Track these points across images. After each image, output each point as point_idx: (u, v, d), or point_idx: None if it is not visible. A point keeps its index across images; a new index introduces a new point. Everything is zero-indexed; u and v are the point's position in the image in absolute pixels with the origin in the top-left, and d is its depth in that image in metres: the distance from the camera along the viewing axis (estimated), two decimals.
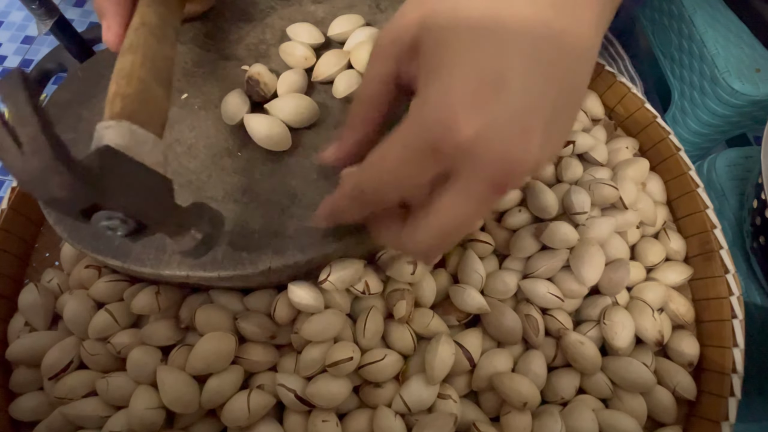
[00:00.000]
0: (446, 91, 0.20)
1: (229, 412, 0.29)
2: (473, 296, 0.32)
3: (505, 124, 0.20)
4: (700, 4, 0.70)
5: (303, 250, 0.29)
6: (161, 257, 0.29)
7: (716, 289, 0.35)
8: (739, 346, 0.33)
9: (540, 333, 0.32)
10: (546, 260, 0.33)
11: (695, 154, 0.77)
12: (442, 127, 0.20)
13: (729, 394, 0.32)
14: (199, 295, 0.32)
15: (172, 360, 0.30)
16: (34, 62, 1.25)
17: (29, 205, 0.37)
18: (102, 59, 0.37)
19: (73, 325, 0.32)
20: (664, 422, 0.32)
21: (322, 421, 0.29)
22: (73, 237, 0.30)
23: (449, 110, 0.20)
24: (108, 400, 0.30)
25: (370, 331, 0.30)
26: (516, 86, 0.20)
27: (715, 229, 0.36)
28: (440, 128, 0.20)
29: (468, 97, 0.20)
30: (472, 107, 0.20)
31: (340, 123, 0.35)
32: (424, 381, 0.30)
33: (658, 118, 0.40)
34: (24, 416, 0.31)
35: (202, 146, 0.33)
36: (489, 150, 0.20)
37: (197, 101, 0.35)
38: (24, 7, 0.89)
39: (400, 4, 0.39)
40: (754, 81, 0.64)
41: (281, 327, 0.32)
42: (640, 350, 0.33)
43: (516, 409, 0.30)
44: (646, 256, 0.36)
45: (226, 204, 0.31)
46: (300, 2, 0.40)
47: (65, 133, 0.34)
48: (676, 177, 0.39)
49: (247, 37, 0.38)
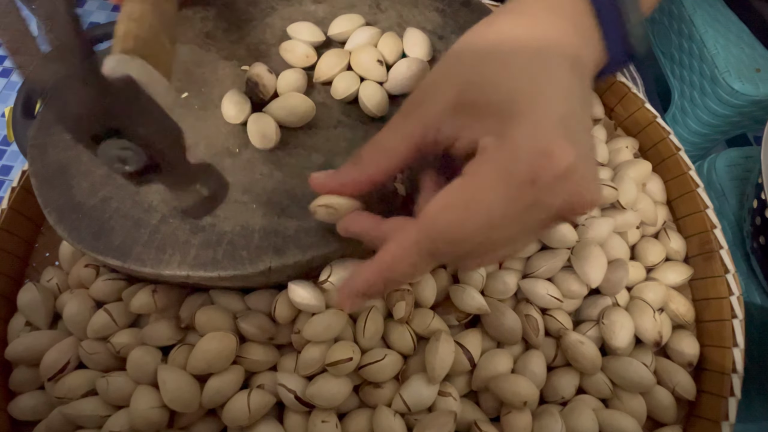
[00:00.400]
0: (541, 127, 0.21)
1: (229, 411, 0.29)
2: (473, 296, 0.32)
3: (588, 156, 0.22)
4: (700, 4, 0.70)
5: (303, 250, 0.29)
6: (161, 257, 0.29)
7: (716, 289, 0.35)
8: (739, 346, 0.33)
9: (540, 333, 0.32)
10: (546, 260, 0.33)
11: (695, 154, 0.77)
12: (544, 156, 0.21)
13: (729, 394, 0.32)
14: (199, 295, 0.32)
15: (173, 359, 0.30)
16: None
17: (29, 205, 0.37)
18: (102, 59, 0.37)
19: (73, 325, 0.32)
20: (663, 422, 0.32)
21: (321, 421, 0.29)
22: (73, 237, 0.30)
23: (550, 141, 0.21)
24: (108, 399, 0.30)
25: (369, 331, 0.30)
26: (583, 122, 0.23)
27: (715, 229, 0.36)
28: (542, 157, 0.21)
29: (562, 133, 0.21)
30: (567, 138, 0.21)
31: (340, 123, 0.35)
32: (424, 380, 0.30)
33: (658, 118, 0.40)
34: (24, 416, 0.31)
35: (202, 146, 0.33)
36: (574, 180, 0.21)
37: (197, 101, 0.35)
38: (24, 8, 0.89)
39: (401, 5, 0.39)
40: (754, 81, 0.64)
41: (281, 327, 0.32)
42: (639, 350, 0.33)
43: (516, 409, 0.30)
44: (646, 256, 0.36)
45: (226, 204, 0.31)
46: (300, 2, 0.40)
47: (65, 133, 0.34)
48: (676, 177, 0.39)
49: (247, 37, 0.38)
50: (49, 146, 0.33)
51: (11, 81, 1.27)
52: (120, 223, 0.30)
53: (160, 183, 0.23)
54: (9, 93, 1.25)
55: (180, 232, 0.30)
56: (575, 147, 0.21)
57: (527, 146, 0.21)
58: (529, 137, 0.21)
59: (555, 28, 0.24)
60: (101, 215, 0.31)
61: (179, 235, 0.30)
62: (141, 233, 0.30)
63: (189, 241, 0.30)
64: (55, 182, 0.32)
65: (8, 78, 1.28)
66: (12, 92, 1.24)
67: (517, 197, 0.21)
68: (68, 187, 0.32)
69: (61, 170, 0.32)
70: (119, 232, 0.30)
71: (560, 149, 0.21)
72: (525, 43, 0.23)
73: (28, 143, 0.34)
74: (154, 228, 0.30)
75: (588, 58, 0.25)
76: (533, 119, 0.21)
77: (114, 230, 0.30)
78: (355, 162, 0.27)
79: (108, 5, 1.40)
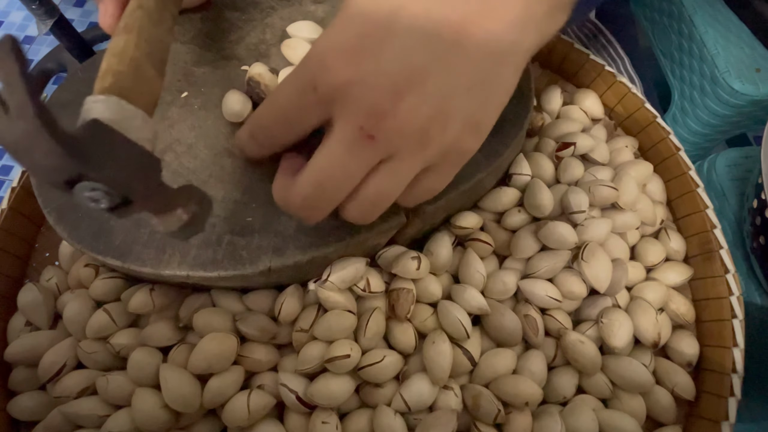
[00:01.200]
0: (329, 38, 0.23)
1: (229, 412, 0.29)
2: (474, 296, 0.32)
3: (376, 81, 0.22)
4: (700, 4, 0.70)
5: (303, 250, 0.29)
6: (161, 257, 0.29)
7: (716, 289, 0.35)
8: (739, 346, 0.33)
9: (540, 333, 0.32)
10: (547, 261, 0.33)
11: (695, 154, 0.77)
12: (320, 66, 0.23)
13: (729, 394, 0.32)
14: (199, 295, 0.32)
15: (173, 358, 0.30)
16: (34, 62, 1.25)
17: (29, 205, 0.37)
18: (102, 59, 0.37)
19: (72, 326, 0.32)
20: (663, 422, 0.33)
21: (322, 422, 0.29)
22: (73, 237, 0.30)
23: (327, 54, 0.23)
24: (107, 398, 0.30)
25: (371, 330, 0.30)
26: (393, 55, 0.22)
27: (715, 229, 0.36)
28: (319, 67, 0.23)
29: (346, 50, 0.23)
30: (346, 58, 0.23)
31: None
32: (425, 380, 0.30)
33: (658, 118, 0.40)
34: (23, 415, 0.31)
35: (203, 146, 0.33)
36: (358, 98, 0.23)
37: (197, 101, 0.35)
38: (24, 7, 0.89)
39: None
40: (754, 81, 0.64)
41: (282, 326, 0.32)
42: (639, 350, 0.33)
43: (517, 409, 0.30)
44: (646, 256, 0.36)
45: (226, 204, 0.31)
46: (300, 2, 0.40)
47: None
48: (676, 177, 0.39)
49: (247, 37, 0.38)
50: None
51: None
52: (120, 223, 0.30)
53: (141, 212, 0.23)
54: None
55: None
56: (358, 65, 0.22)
57: (311, 54, 0.24)
58: (317, 47, 0.24)
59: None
60: (101, 215, 0.31)
61: None
62: (141, 233, 0.30)
63: (189, 241, 0.30)
64: None
65: None
66: None
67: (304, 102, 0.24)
68: None
69: None
70: (119, 232, 0.30)
71: (336, 63, 0.23)
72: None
73: None
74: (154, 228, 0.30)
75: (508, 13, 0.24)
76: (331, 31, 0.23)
77: (114, 230, 0.30)
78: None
79: None
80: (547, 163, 0.38)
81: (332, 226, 0.30)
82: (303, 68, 0.24)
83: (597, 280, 0.33)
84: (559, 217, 0.36)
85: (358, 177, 0.24)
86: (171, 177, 0.32)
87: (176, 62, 0.37)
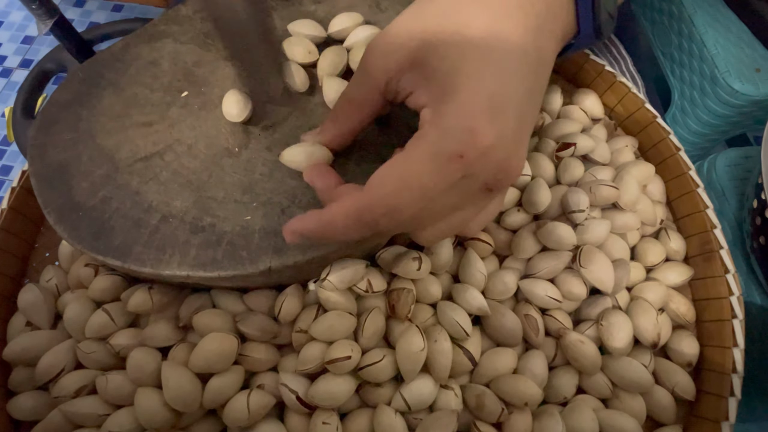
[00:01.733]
0: (469, 106, 0.23)
1: (229, 412, 0.29)
2: (475, 296, 0.32)
3: (509, 137, 0.24)
4: (700, 4, 0.70)
5: (303, 250, 0.29)
6: (161, 257, 0.29)
7: (716, 289, 0.35)
8: (739, 346, 0.33)
9: (540, 333, 0.32)
10: (548, 262, 0.33)
11: (695, 154, 0.77)
12: (469, 133, 0.23)
13: (729, 394, 0.32)
14: (199, 296, 0.32)
15: (173, 356, 0.30)
16: (34, 62, 1.25)
17: (29, 205, 0.37)
18: (102, 59, 0.37)
19: (72, 327, 0.32)
20: (663, 422, 0.33)
21: (323, 422, 0.29)
22: (73, 237, 0.30)
23: (474, 120, 0.23)
24: (107, 398, 0.30)
25: (369, 330, 0.30)
26: (514, 108, 0.24)
27: (715, 229, 0.36)
28: (467, 135, 0.23)
29: (486, 111, 0.23)
30: (490, 120, 0.23)
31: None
32: (425, 379, 0.30)
33: (658, 118, 0.40)
34: (23, 415, 0.31)
35: (203, 146, 0.33)
36: (495, 157, 0.23)
37: (197, 101, 0.35)
38: (24, 7, 0.89)
39: (401, 5, 0.39)
40: (754, 81, 0.64)
41: (282, 326, 0.32)
42: (639, 350, 0.33)
43: (517, 409, 0.30)
44: (646, 257, 0.36)
45: (226, 204, 0.31)
46: (300, 2, 0.40)
47: (65, 133, 0.34)
48: (676, 177, 0.39)
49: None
50: (49, 146, 0.33)
51: (11, 81, 1.27)
52: (120, 223, 0.30)
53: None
54: (9, 93, 1.25)
55: (180, 232, 0.30)
56: (496, 126, 0.23)
57: (454, 125, 0.23)
58: (456, 116, 0.23)
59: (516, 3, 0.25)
60: (101, 215, 0.31)
61: (179, 235, 0.30)
62: (141, 233, 0.30)
63: (189, 241, 0.30)
64: (55, 182, 0.32)
65: (8, 78, 1.28)
66: (12, 92, 1.25)
67: (447, 172, 0.23)
68: (68, 187, 0.32)
69: (61, 170, 0.32)
70: (119, 232, 0.30)
71: (483, 128, 0.23)
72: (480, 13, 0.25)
73: (28, 143, 0.34)
74: (154, 228, 0.30)
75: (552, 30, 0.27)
76: (462, 98, 0.23)
77: (114, 230, 0.30)
78: (332, 119, 0.30)
79: (108, 5, 1.40)
80: (547, 164, 0.38)
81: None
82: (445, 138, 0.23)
83: (601, 283, 0.33)
84: (559, 217, 0.36)
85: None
86: (171, 177, 0.32)
87: (176, 62, 0.37)
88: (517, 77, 0.24)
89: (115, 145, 0.33)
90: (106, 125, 0.34)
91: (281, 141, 0.34)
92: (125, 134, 0.34)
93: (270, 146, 0.33)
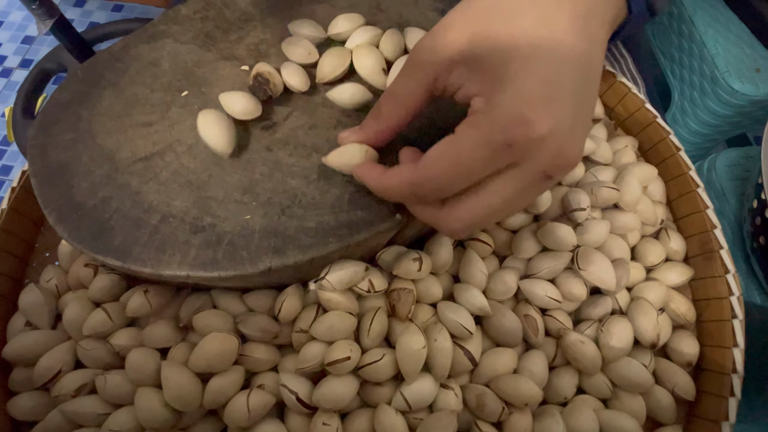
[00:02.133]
0: (521, 95, 0.23)
1: (229, 412, 0.29)
2: (476, 296, 0.32)
3: (566, 124, 0.24)
4: (700, 4, 0.70)
5: (303, 250, 0.29)
6: (161, 257, 0.29)
7: (716, 289, 0.35)
8: (739, 346, 0.33)
9: (540, 333, 0.32)
10: (548, 262, 0.33)
11: (695, 154, 0.77)
12: (520, 123, 0.23)
13: (729, 394, 0.32)
14: (199, 296, 0.32)
15: (173, 356, 0.30)
16: (34, 62, 1.25)
17: (29, 205, 0.37)
18: (102, 59, 0.37)
19: (72, 326, 0.32)
20: (663, 422, 0.33)
21: (323, 423, 0.29)
22: (73, 237, 0.30)
23: (527, 110, 0.23)
24: (106, 397, 0.30)
25: (374, 331, 0.30)
26: (569, 95, 0.24)
27: (715, 229, 0.36)
28: (518, 125, 0.23)
29: (541, 101, 0.23)
30: (545, 108, 0.23)
31: (340, 123, 0.35)
32: (426, 378, 0.30)
33: (658, 118, 0.40)
34: (22, 415, 0.31)
35: (203, 146, 0.33)
36: (553, 145, 0.23)
37: (197, 101, 0.35)
38: (24, 7, 0.89)
39: (401, 5, 0.39)
40: (754, 81, 0.64)
41: (283, 326, 0.32)
42: (639, 350, 0.33)
43: (517, 409, 0.30)
44: (646, 257, 0.36)
45: (226, 204, 0.31)
46: (300, 2, 0.40)
47: (65, 133, 0.34)
48: (676, 177, 0.39)
49: (247, 37, 0.38)
50: (49, 146, 0.33)
51: (11, 81, 1.27)
52: (120, 223, 0.30)
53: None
54: (9, 93, 1.25)
55: (180, 232, 0.30)
56: (550, 113, 0.23)
57: (506, 114, 0.23)
58: (510, 105, 0.23)
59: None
60: (101, 215, 0.31)
61: (179, 235, 0.30)
62: (141, 233, 0.30)
63: (189, 241, 0.30)
64: (55, 182, 0.32)
65: (8, 78, 1.28)
66: (12, 92, 1.25)
67: (495, 159, 0.24)
68: (68, 187, 0.32)
69: (61, 170, 0.32)
70: (119, 232, 0.30)
71: (536, 116, 0.23)
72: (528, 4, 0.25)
73: (28, 143, 0.34)
74: (154, 228, 0.30)
75: (603, 15, 0.26)
76: (517, 86, 0.23)
77: (114, 230, 0.30)
78: (375, 116, 0.29)
79: (108, 5, 1.40)
80: None
81: (332, 227, 0.30)
82: (495, 128, 0.24)
83: (603, 282, 0.33)
84: (560, 217, 0.36)
85: None
86: (171, 177, 0.32)
87: (176, 62, 0.37)
88: (569, 64, 0.24)
89: (115, 145, 0.33)
90: (106, 125, 0.34)
91: (281, 141, 0.34)
92: (125, 134, 0.34)
93: (270, 146, 0.33)
